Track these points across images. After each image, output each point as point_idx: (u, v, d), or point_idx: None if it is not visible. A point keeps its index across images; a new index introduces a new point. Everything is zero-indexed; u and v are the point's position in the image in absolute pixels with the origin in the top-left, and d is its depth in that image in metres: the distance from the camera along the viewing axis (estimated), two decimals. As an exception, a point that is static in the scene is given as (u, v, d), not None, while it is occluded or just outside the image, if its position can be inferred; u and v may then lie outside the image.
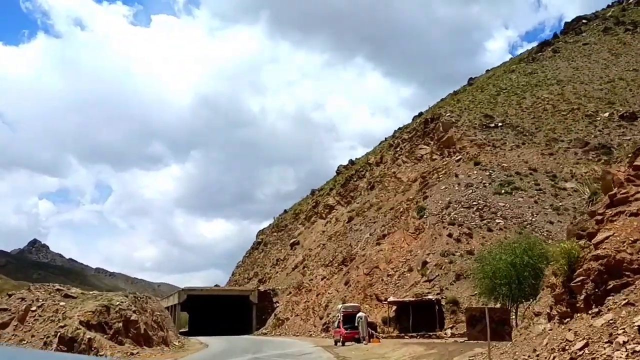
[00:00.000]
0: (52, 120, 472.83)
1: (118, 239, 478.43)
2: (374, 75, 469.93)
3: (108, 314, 29.07)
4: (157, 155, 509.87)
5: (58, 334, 27.83)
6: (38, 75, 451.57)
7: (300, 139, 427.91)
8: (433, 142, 64.43)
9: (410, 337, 31.87)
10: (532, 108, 64.93)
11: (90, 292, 35.61)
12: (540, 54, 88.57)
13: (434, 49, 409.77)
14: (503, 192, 43.64)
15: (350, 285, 47.60)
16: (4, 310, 30.08)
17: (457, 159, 55.20)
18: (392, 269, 42.58)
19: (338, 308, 39.02)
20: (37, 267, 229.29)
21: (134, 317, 29.78)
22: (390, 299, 36.89)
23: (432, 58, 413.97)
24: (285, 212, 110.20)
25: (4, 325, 29.15)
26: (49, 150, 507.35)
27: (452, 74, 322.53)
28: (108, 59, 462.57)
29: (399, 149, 75.13)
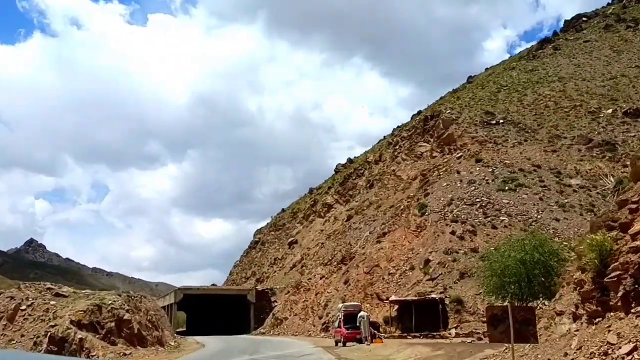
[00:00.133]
0: (48, 120, 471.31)
1: (115, 239, 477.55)
2: (372, 75, 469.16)
3: (100, 314, 28.13)
4: (153, 155, 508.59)
5: (48, 334, 26.98)
6: (34, 75, 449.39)
7: (299, 139, 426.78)
8: (433, 139, 63.40)
9: (414, 337, 30.98)
10: (533, 105, 63.98)
11: (82, 291, 34.62)
12: (541, 51, 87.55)
13: (432, 49, 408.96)
14: (507, 188, 42.65)
15: (350, 284, 46.63)
16: (-7, 310, 29.15)
17: (458, 156, 54.21)
18: (393, 268, 41.59)
19: (338, 307, 37.95)
20: (33, 266, 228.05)
21: (127, 316, 28.81)
22: (392, 298, 35.90)
23: (430, 58, 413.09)
24: (283, 211, 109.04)
25: (-7, 325, 28.22)
26: (45, 150, 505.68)
27: (450, 74, 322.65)
28: (104, 58, 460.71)
29: (398, 147, 74.05)
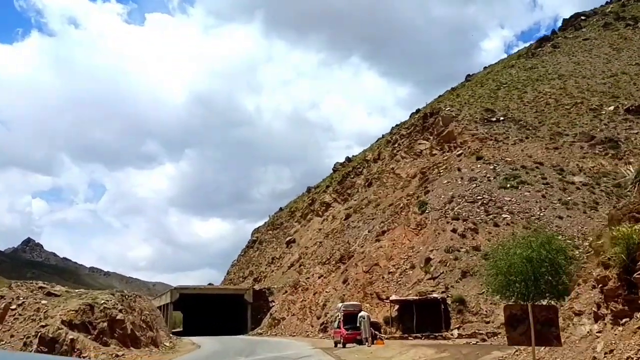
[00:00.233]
0: (45, 119, 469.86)
1: (112, 238, 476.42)
2: (370, 75, 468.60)
3: (92, 313, 27.26)
4: (151, 154, 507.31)
5: (39, 334, 26.13)
6: (32, 74, 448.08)
7: (296, 139, 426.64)
8: (432, 137, 62.62)
9: (415, 338, 30.18)
10: (534, 102, 63.29)
11: (75, 290, 33.74)
12: (540, 50, 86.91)
13: (430, 49, 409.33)
14: (509, 186, 41.88)
15: (349, 284, 45.80)
16: (-18, 309, 28.24)
17: (458, 154, 53.44)
18: (393, 266, 40.76)
19: (337, 307, 37.06)
20: (31, 266, 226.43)
21: (120, 316, 27.93)
22: (393, 298, 35.06)
23: (428, 57, 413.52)
24: (281, 210, 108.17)
25: (-18, 325, 27.33)
26: (43, 149, 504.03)
27: (448, 74, 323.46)
28: (102, 58, 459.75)
29: (397, 145, 73.22)
